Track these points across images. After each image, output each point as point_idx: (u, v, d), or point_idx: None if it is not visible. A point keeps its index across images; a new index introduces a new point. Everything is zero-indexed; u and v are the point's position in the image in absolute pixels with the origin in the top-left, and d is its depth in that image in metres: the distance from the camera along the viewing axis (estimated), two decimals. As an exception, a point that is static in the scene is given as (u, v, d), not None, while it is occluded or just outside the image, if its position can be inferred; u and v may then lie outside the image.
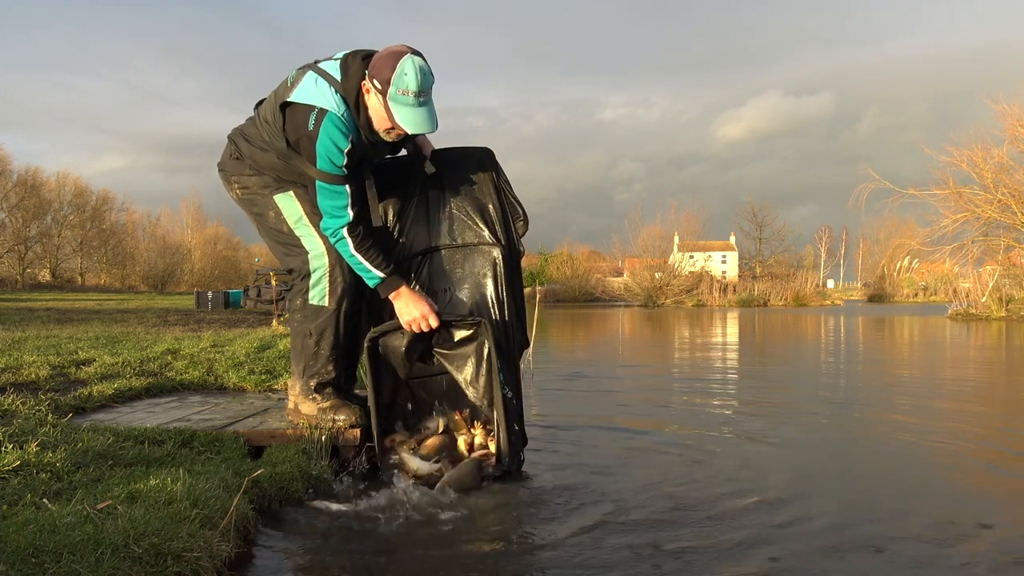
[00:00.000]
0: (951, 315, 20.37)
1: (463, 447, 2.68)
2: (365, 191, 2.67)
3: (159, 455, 2.33)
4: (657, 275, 43.45)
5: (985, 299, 20.38)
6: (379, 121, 2.45)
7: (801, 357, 8.74)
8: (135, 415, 3.04)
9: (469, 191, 2.80)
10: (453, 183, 2.80)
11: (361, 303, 2.77)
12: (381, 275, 2.57)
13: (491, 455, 2.64)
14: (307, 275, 2.71)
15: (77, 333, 6.99)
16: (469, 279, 2.78)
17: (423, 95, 2.36)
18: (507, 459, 2.62)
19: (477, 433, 2.69)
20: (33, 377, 3.66)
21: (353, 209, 2.50)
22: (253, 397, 3.57)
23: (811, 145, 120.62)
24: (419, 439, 2.71)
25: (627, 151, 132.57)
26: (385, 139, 2.51)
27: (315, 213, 2.60)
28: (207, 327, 9.11)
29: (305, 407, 2.76)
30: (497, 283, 2.75)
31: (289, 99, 2.44)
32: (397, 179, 2.82)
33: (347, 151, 2.42)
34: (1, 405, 2.81)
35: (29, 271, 43.88)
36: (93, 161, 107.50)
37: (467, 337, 2.69)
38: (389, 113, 2.38)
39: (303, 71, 2.49)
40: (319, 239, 2.66)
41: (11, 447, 2.16)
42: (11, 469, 1.99)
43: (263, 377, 4.01)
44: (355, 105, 2.44)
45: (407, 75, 2.32)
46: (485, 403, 2.70)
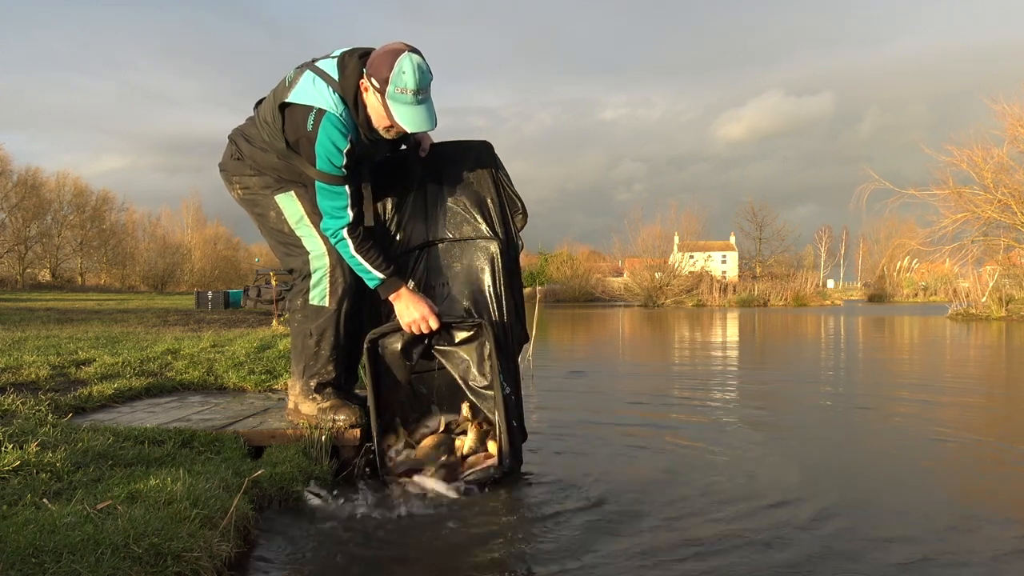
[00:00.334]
0: (951, 315, 20.37)
1: (460, 448, 2.67)
2: (362, 192, 2.67)
3: (159, 455, 2.33)
4: (657, 275, 43.44)
5: (985, 299, 20.38)
6: (378, 119, 2.45)
7: (801, 357, 8.74)
8: (135, 415, 3.04)
9: (467, 185, 2.78)
10: (451, 177, 2.78)
11: (362, 303, 2.77)
12: (381, 276, 2.56)
13: (488, 456, 2.63)
14: (308, 275, 2.70)
15: (77, 333, 6.99)
16: (467, 273, 2.76)
17: (422, 93, 2.36)
18: (508, 461, 2.62)
19: (471, 435, 2.68)
20: (33, 377, 3.66)
21: (353, 210, 2.50)
22: (253, 397, 3.57)
23: (812, 145, 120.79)
24: (416, 437, 2.70)
25: (628, 151, 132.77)
26: (384, 137, 2.51)
27: (316, 213, 2.59)
28: (207, 327, 9.11)
29: (305, 407, 2.76)
30: (495, 277, 2.74)
31: (287, 100, 2.44)
32: (395, 173, 2.80)
33: (346, 151, 2.42)
34: (1, 405, 2.81)
35: (29, 271, 43.89)
36: (93, 161, 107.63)
37: (467, 338, 2.69)
38: (388, 112, 2.38)
39: (300, 70, 2.48)
40: (320, 239, 2.66)
41: (11, 447, 2.16)
42: (11, 469, 1.99)
43: (263, 377, 4.01)
44: (353, 104, 2.44)
45: (405, 73, 2.32)
46: (485, 403, 2.70)
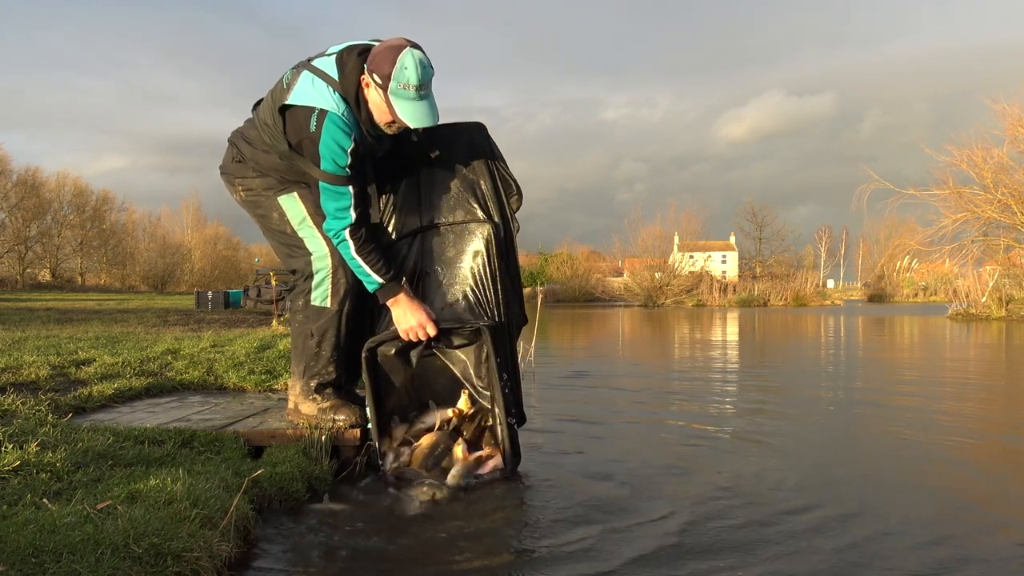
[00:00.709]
0: (951, 315, 20.37)
1: (459, 452, 2.67)
2: (367, 191, 2.67)
3: (159, 455, 2.33)
4: (657, 275, 43.44)
5: (985, 299, 20.38)
6: (380, 115, 2.45)
7: (802, 356, 8.74)
8: (135, 415, 3.04)
9: (461, 168, 2.76)
10: (445, 160, 2.76)
11: (363, 304, 2.76)
12: (380, 281, 2.55)
13: (487, 456, 2.63)
14: (310, 276, 2.70)
15: (77, 333, 6.99)
16: (463, 258, 2.75)
17: (423, 88, 2.36)
18: (510, 467, 2.63)
19: (469, 435, 2.69)
20: (33, 377, 3.66)
21: (356, 211, 2.49)
22: (253, 397, 3.57)
23: (813, 145, 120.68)
24: (415, 433, 2.70)
25: (629, 151, 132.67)
26: (386, 132, 2.51)
27: (318, 214, 2.59)
28: (207, 327, 9.11)
29: (305, 407, 2.76)
30: (491, 260, 2.73)
31: (287, 102, 2.43)
32: (390, 157, 2.78)
33: (350, 150, 2.42)
34: (1, 405, 2.81)
35: (29, 271, 43.90)
36: (94, 161, 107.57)
37: (465, 343, 2.69)
38: (390, 107, 2.38)
39: (298, 71, 2.48)
40: (323, 240, 2.65)
41: (11, 447, 2.16)
42: (11, 469, 1.99)
43: (263, 377, 4.01)
44: (355, 102, 2.44)
45: (407, 69, 2.32)
46: (484, 402, 2.70)
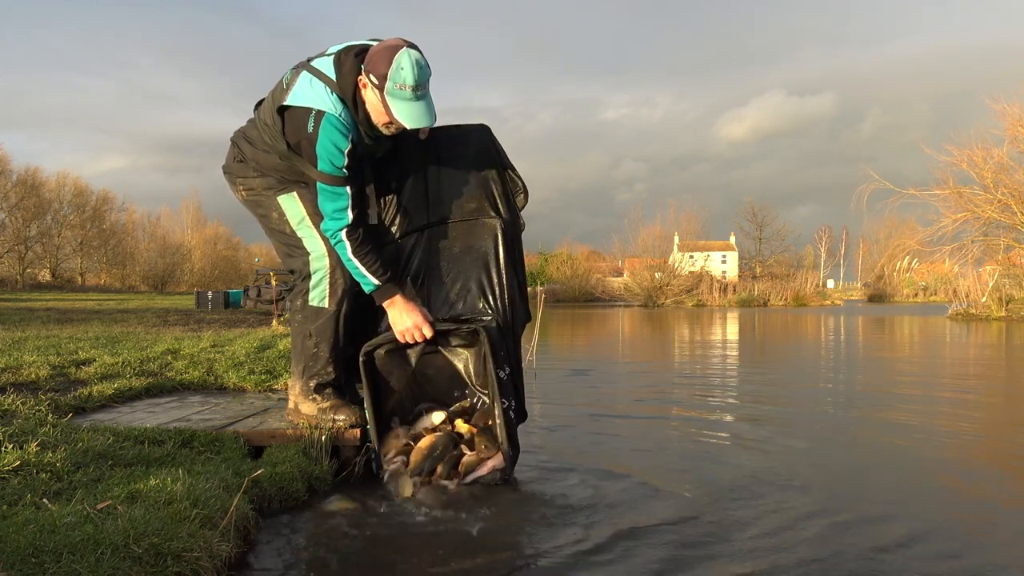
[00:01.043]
0: (951, 315, 20.37)
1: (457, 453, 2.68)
2: (364, 192, 2.67)
3: (159, 455, 2.33)
4: (657, 275, 43.44)
5: (985, 299, 20.38)
6: (377, 116, 2.44)
7: (802, 356, 8.74)
8: (135, 415, 3.04)
9: (468, 166, 2.77)
10: (451, 159, 2.77)
11: (362, 305, 2.76)
12: (376, 282, 2.55)
13: (486, 457, 2.63)
14: (308, 276, 2.70)
15: (77, 333, 6.99)
16: (471, 253, 2.75)
17: (420, 89, 2.35)
18: (508, 468, 2.64)
19: (467, 434, 2.69)
20: (33, 377, 3.66)
21: (353, 212, 2.49)
22: (253, 397, 3.57)
23: (813, 145, 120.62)
24: (414, 435, 2.70)
25: (629, 151, 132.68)
26: (384, 133, 2.51)
27: (318, 214, 2.59)
28: (207, 327, 9.11)
29: (305, 407, 2.76)
30: (498, 256, 2.73)
31: (286, 102, 2.43)
32: (394, 157, 2.79)
33: (347, 151, 2.42)
34: (1, 405, 2.81)
35: (29, 271, 43.88)
36: (94, 161, 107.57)
37: (464, 344, 2.69)
38: (387, 108, 2.37)
39: (297, 71, 2.48)
40: (321, 240, 2.65)
41: (11, 447, 2.16)
42: (11, 469, 1.99)
43: (263, 377, 4.02)
44: (352, 102, 2.43)
45: (403, 69, 2.32)
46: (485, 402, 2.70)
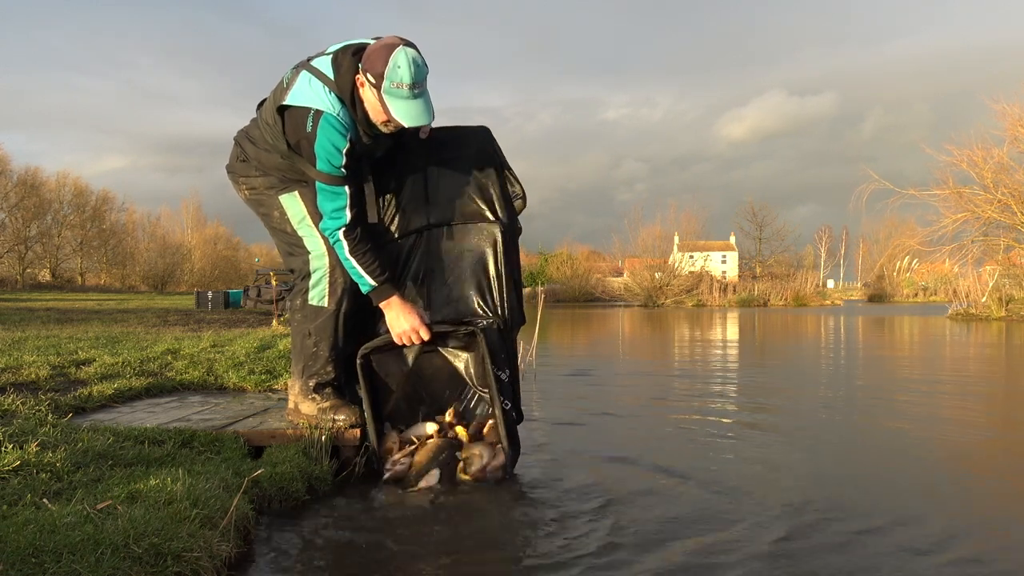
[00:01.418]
0: (951, 315, 20.37)
1: (459, 454, 2.68)
2: (363, 192, 2.67)
3: (159, 455, 2.33)
4: (657, 275, 43.42)
5: (985, 299, 20.37)
6: (375, 114, 2.45)
7: (802, 355, 8.74)
8: (135, 415, 3.04)
9: (467, 169, 2.77)
10: (450, 161, 2.77)
11: (362, 304, 2.76)
12: (373, 283, 2.55)
13: (488, 455, 2.64)
14: (307, 275, 2.71)
15: (77, 333, 6.99)
16: (468, 256, 2.75)
17: (417, 87, 2.35)
18: (510, 467, 2.65)
19: (464, 434, 2.69)
20: (33, 377, 3.66)
21: (351, 211, 2.49)
22: (253, 397, 3.57)
23: (814, 145, 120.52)
24: (413, 436, 2.71)
25: (630, 151, 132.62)
26: (383, 131, 2.51)
27: (318, 213, 2.59)
28: (207, 327, 9.11)
29: (305, 407, 2.76)
30: (496, 261, 2.73)
31: (286, 102, 2.44)
32: (393, 157, 2.79)
33: (345, 151, 2.42)
34: (1, 405, 2.81)
35: (29, 271, 43.89)
36: (94, 161, 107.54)
37: (461, 346, 2.69)
38: (384, 106, 2.38)
39: (297, 71, 2.48)
40: (320, 240, 2.66)
41: (11, 447, 2.16)
42: (11, 469, 1.99)
43: (263, 377, 4.01)
44: (351, 101, 2.44)
45: (400, 68, 2.32)
46: (484, 403, 2.71)
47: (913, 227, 26.97)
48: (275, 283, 13.88)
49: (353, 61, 2.42)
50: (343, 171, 2.44)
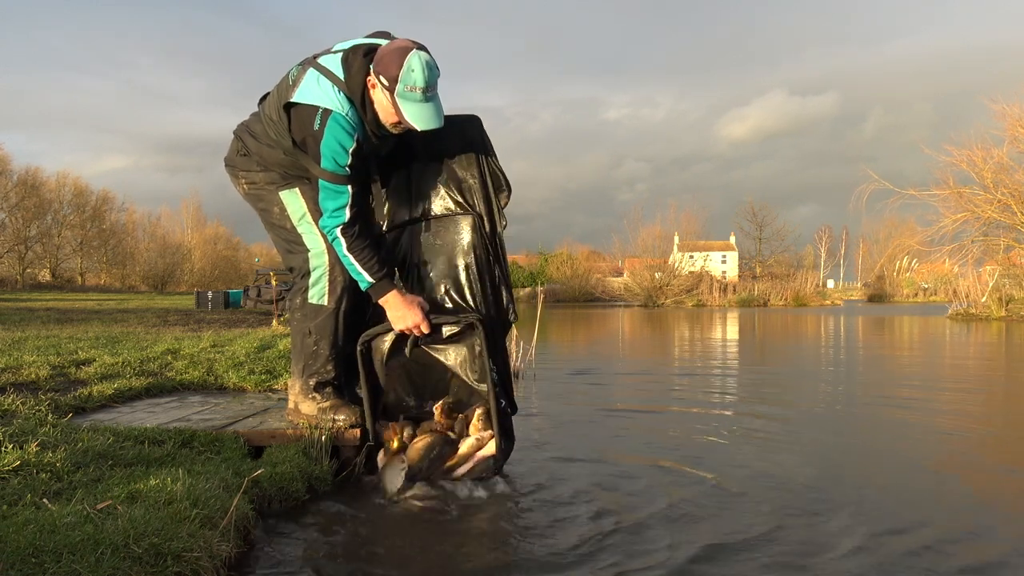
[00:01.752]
0: (951, 315, 20.37)
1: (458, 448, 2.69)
2: (368, 191, 2.67)
3: (159, 455, 2.33)
4: (657, 275, 43.43)
5: (985, 299, 20.38)
6: (386, 116, 2.46)
7: (802, 355, 8.74)
8: (135, 415, 3.04)
9: (450, 160, 2.75)
10: (435, 153, 2.75)
11: (362, 302, 2.76)
12: (371, 279, 2.55)
13: (476, 448, 2.65)
14: (307, 273, 2.71)
15: (77, 333, 6.99)
16: (447, 249, 2.74)
17: (430, 90, 2.37)
18: (502, 461, 2.65)
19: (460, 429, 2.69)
20: (33, 377, 3.66)
21: (351, 210, 2.50)
22: (253, 397, 3.57)
23: (815, 145, 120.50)
24: (409, 434, 2.70)
25: (631, 151, 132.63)
26: (391, 132, 2.52)
27: (318, 211, 2.59)
28: (207, 327, 9.11)
29: (305, 406, 2.76)
30: (476, 254, 2.72)
31: (292, 99, 2.44)
32: (395, 156, 2.77)
33: (352, 150, 2.42)
34: (1, 405, 2.81)
35: (29, 271, 43.88)
36: (95, 161, 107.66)
37: (457, 335, 2.69)
38: (397, 109, 2.39)
39: (304, 68, 2.48)
40: (320, 237, 2.66)
41: (11, 447, 2.16)
42: (11, 469, 1.99)
43: (263, 377, 4.01)
44: (360, 102, 2.44)
45: (415, 71, 2.33)
46: (476, 397, 2.70)
47: (913, 227, 27.06)
48: (275, 283, 13.87)
49: (364, 62, 2.42)
50: (347, 170, 2.44)
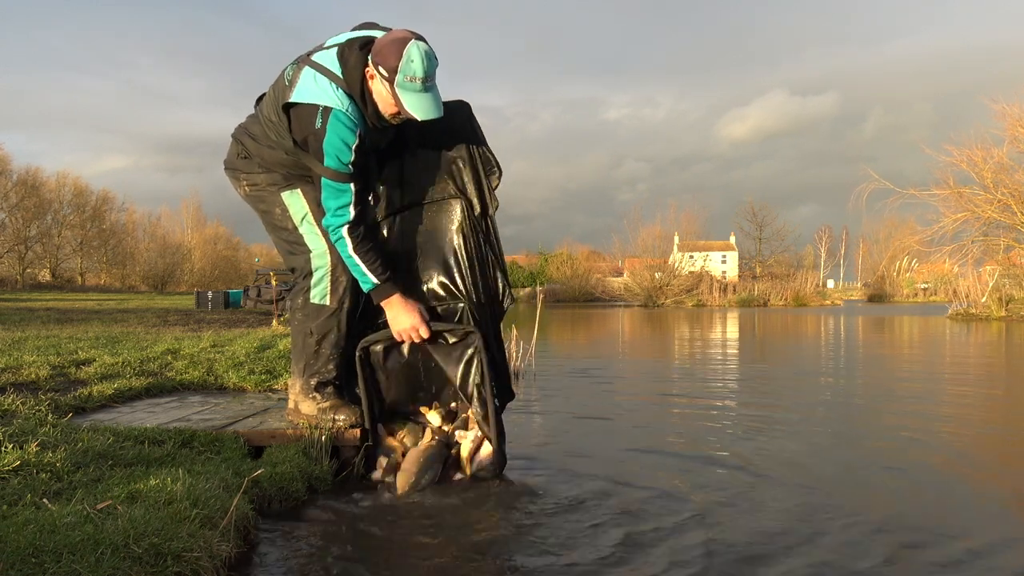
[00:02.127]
0: (951, 315, 20.36)
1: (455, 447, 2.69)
2: (369, 189, 2.67)
3: (159, 455, 2.33)
4: (657, 275, 43.43)
5: (985, 299, 20.37)
6: (385, 107, 2.46)
7: (802, 355, 8.74)
8: (135, 415, 3.04)
9: (440, 146, 2.74)
10: (424, 140, 2.74)
11: (363, 302, 2.76)
12: (375, 281, 2.55)
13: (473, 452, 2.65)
14: (309, 274, 2.70)
15: (77, 333, 6.99)
16: (438, 235, 2.74)
17: (429, 80, 2.38)
18: (501, 469, 2.66)
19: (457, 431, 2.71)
20: (33, 377, 3.66)
21: (356, 208, 2.50)
22: (253, 397, 3.57)
23: (816, 145, 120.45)
24: (407, 435, 2.71)
25: (631, 151, 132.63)
26: (391, 123, 2.52)
27: (320, 211, 2.59)
28: (207, 327, 9.11)
29: (305, 406, 2.76)
30: (467, 239, 2.72)
31: (291, 99, 2.44)
32: (394, 148, 2.77)
33: (355, 147, 2.42)
34: (1, 405, 2.81)
35: (29, 271, 43.90)
36: (95, 161, 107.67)
37: (457, 342, 2.69)
38: (397, 100, 2.39)
39: (300, 67, 2.48)
40: (322, 238, 2.66)
41: (11, 447, 2.16)
42: (11, 469, 1.99)
43: (263, 377, 4.01)
44: (360, 96, 2.44)
45: (414, 62, 2.33)
46: (477, 409, 2.70)
47: (913, 227, 27.00)
48: (275, 283, 13.88)
49: (361, 55, 2.42)
50: (350, 168, 2.44)
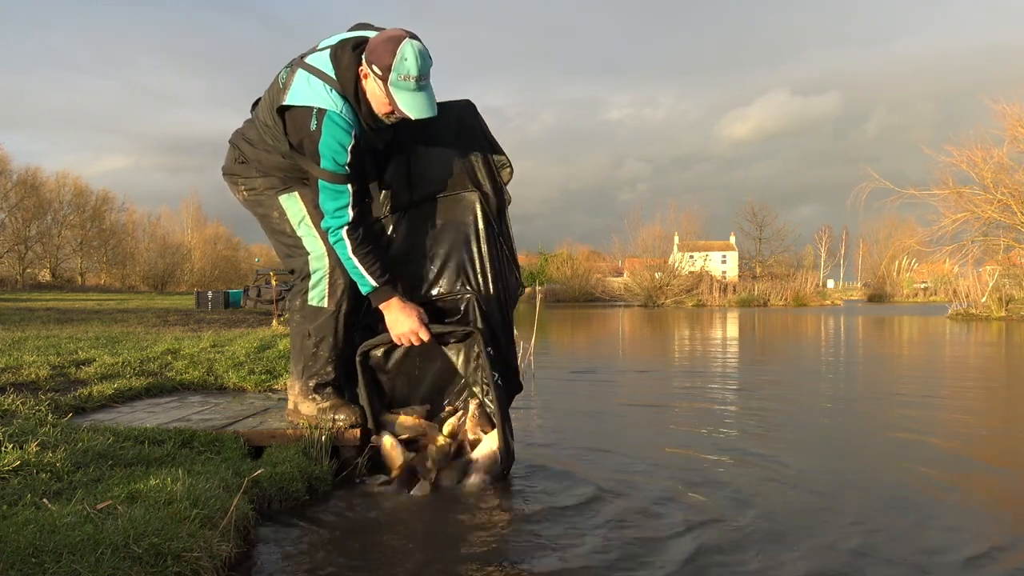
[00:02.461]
0: (951, 315, 20.37)
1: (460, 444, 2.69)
2: (366, 191, 2.67)
3: (159, 455, 2.33)
4: (657, 275, 43.44)
5: (985, 299, 20.38)
6: (379, 106, 2.45)
7: (803, 356, 8.74)
8: (135, 415, 3.04)
9: (449, 142, 2.75)
10: (433, 136, 2.75)
11: (361, 304, 2.77)
12: (374, 283, 2.55)
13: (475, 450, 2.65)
14: (307, 276, 2.70)
15: (77, 333, 6.99)
16: (451, 229, 2.75)
17: (423, 79, 2.37)
18: (507, 466, 2.65)
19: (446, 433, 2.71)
20: (33, 377, 3.66)
21: (354, 210, 2.49)
22: (253, 397, 3.57)
23: (817, 145, 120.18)
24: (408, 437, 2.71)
25: (632, 151, 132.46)
26: (386, 122, 2.52)
27: (318, 213, 2.59)
28: (207, 327, 9.11)
29: (305, 407, 2.76)
30: (478, 230, 2.73)
31: (285, 102, 2.43)
32: (391, 148, 2.77)
33: (351, 148, 2.42)
34: (1, 405, 2.81)
35: (29, 271, 43.89)
36: (95, 161, 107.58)
37: (458, 340, 2.69)
38: (390, 99, 2.39)
39: (293, 70, 2.48)
40: (320, 241, 2.66)
41: (11, 447, 2.16)
42: (11, 469, 1.99)
43: (263, 377, 4.02)
44: (354, 96, 2.44)
45: (407, 60, 2.33)
46: (485, 408, 2.70)
47: (913, 227, 27.05)
48: (275, 283, 13.87)
49: (354, 56, 2.42)
50: (347, 169, 2.44)
